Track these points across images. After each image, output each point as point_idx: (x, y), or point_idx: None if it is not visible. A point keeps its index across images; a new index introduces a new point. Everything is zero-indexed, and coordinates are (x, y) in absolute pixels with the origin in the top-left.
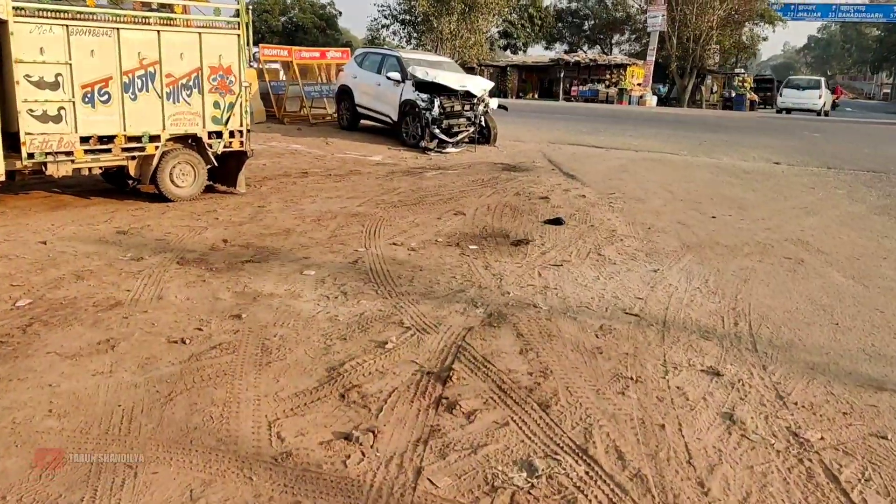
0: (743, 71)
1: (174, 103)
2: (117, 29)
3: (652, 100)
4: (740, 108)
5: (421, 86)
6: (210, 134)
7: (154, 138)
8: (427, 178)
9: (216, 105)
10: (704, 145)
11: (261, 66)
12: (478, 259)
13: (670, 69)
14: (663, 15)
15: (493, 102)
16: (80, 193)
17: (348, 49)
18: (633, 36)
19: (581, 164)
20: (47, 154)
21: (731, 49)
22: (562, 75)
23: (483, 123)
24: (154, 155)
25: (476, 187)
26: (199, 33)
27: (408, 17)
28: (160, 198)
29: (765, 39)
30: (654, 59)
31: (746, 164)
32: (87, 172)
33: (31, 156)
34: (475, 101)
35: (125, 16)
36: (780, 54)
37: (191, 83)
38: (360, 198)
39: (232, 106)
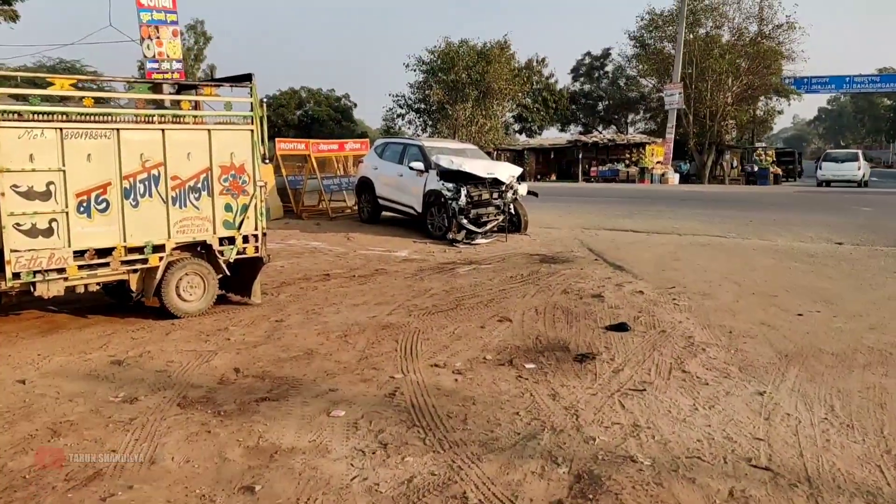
0: (764, 144)
1: (181, 208)
2: (117, 130)
3: (674, 177)
4: (764, 183)
5: (446, 175)
6: (221, 240)
7: (158, 248)
8: (460, 275)
9: (228, 208)
10: (752, 225)
11: (277, 161)
12: (539, 384)
13: (688, 146)
14: (680, 93)
15: (523, 188)
16: (78, 311)
17: (367, 140)
18: (648, 115)
19: (625, 252)
20: (35, 273)
21: (747, 123)
22: (580, 156)
23: (513, 211)
24: (158, 267)
25: (516, 285)
26: (209, 130)
27: (423, 106)
28: (166, 314)
29: (780, 113)
30: (672, 136)
31: (806, 245)
32: (82, 290)
33: (16, 275)
34: (503, 188)
35: (126, 115)
36: (791, 126)
37: (199, 185)
38: (389, 303)
39: (245, 208)
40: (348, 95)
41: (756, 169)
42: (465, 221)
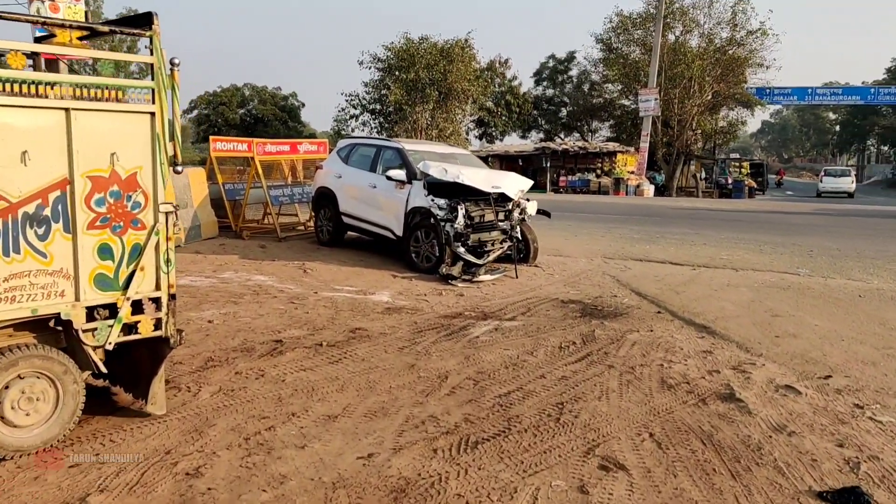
0: (737, 156)
1: (4, 256)
2: None
3: (649, 189)
4: (739, 196)
5: (435, 188)
6: (92, 311)
7: None
8: (480, 342)
9: (104, 252)
10: (819, 258)
11: (211, 165)
12: None
13: (657, 156)
14: (656, 98)
15: (531, 207)
16: None
17: (325, 141)
18: (612, 122)
19: (690, 298)
20: None
21: (713, 134)
22: (548, 165)
23: (518, 235)
24: None
25: (578, 366)
26: (67, 109)
27: (378, 107)
28: None
29: (743, 123)
30: (647, 145)
31: None
32: None
33: None
34: (510, 205)
35: None
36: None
37: (45, 212)
38: (387, 413)
39: (138, 252)
40: (296, 94)
41: (730, 181)
42: (462, 250)
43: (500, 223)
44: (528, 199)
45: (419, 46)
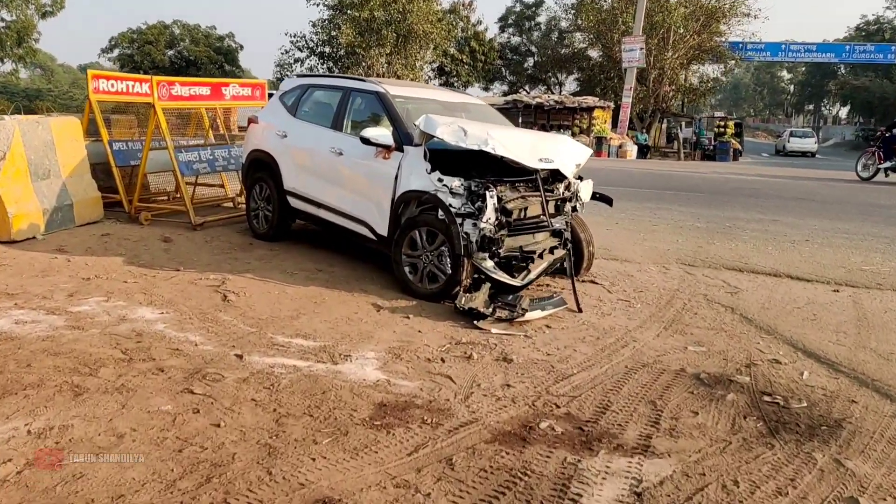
0: (722, 114)
1: None
2: None
3: (632, 150)
4: (724, 159)
5: (440, 159)
6: None
7: None
8: None
9: None
10: None
11: (91, 112)
12: None
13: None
14: (641, 48)
15: (585, 189)
16: None
17: (263, 83)
18: (579, 76)
19: None
20: None
21: (689, 89)
22: (520, 120)
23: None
24: None
25: None
26: None
27: (328, 50)
28: None
29: (715, 80)
30: (630, 100)
31: None
32: None
33: None
34: (561, 188)
35: None
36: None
37: None
38: None
39: None
40: (233, 35)
41: (715, 143)
42: (491, 265)
43: (549, 219)
44: (580, 178)
45: None
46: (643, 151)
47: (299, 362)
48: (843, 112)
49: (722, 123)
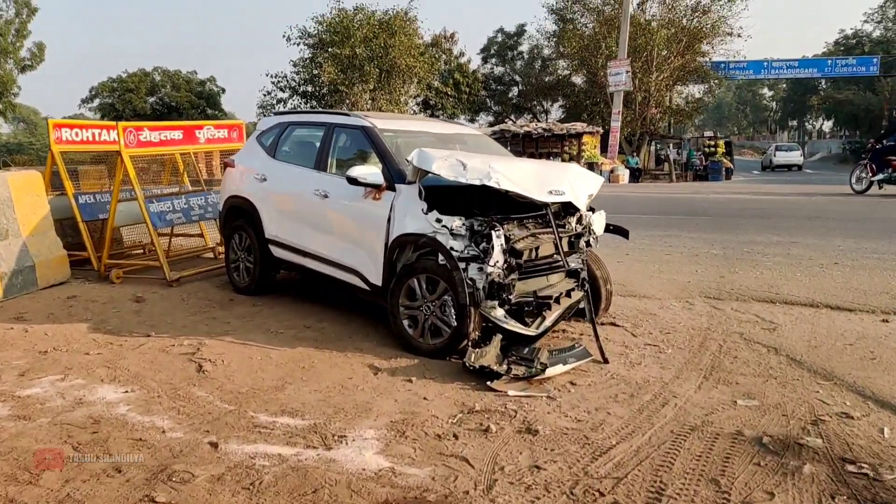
0: (711, 133)
1: None
2: None
3: (624, 174)
4: (717, 178)
5: (437, 197)
6: None
7: None
8: None
9: None
10: None
11: (53, 163)
12: None
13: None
14: (627, 71)
15: (598, 221)
16: None
17: (240, 123)
18: (563, 103)
19: None
20: None
21: (675, 111)
22: (508, 150)
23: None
24: None
25: None
26: None
27: (310, 89)
28: None
29: (699, 100)
30: (619, 124)
31: None
32: None
33: None
34: (573, 222)
35: None
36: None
37: None
38: None
39: None
40: (214, 79)
41: (707, 162)
42: (501, 314)
43: (564, 258)
44: (592, 209)
45: (354, 18)
46: (635, 175)
47: (285, 449)
48: (827, 126)
49: (712, 143)
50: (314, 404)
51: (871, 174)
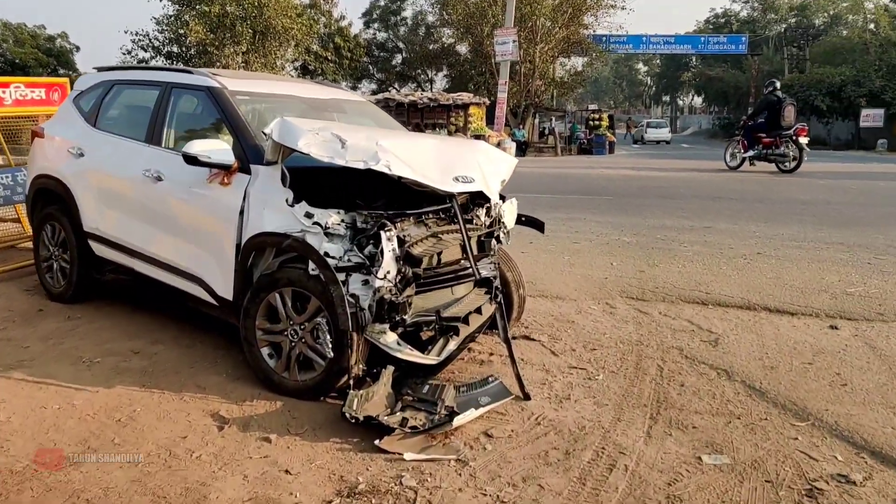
0: (595, 107)
1: None
2: None
3: (511, 147)
4: (601, 152)
5: (308, 182)
6: None
7: None
8: None
9: None
10: None
11: None
12: None
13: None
14: (514, 40)
15: (510, 212)
16: None
17: (65, 82)
18: (448, 72)
19: None
20: None
21: (559, 83)
22: None
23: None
24: None
25: None
26: None
27: (176, 49)
28: None
29: (579, 73)
30: (505, 95)
31: None
32: None
33: None
34: (482, 215)
35: None
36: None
37: None
38: None
39: None
40: (66, 35)
41: (591, 136)
42: (394, 340)
43: (473, 264)
44: (503, 197)
45: None
46: (521, 149)
47: None
48: (698, 102)
49: (596, 117)
50: (121, 492)
51: (743, 151)
